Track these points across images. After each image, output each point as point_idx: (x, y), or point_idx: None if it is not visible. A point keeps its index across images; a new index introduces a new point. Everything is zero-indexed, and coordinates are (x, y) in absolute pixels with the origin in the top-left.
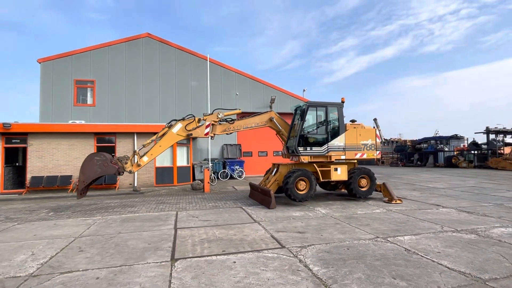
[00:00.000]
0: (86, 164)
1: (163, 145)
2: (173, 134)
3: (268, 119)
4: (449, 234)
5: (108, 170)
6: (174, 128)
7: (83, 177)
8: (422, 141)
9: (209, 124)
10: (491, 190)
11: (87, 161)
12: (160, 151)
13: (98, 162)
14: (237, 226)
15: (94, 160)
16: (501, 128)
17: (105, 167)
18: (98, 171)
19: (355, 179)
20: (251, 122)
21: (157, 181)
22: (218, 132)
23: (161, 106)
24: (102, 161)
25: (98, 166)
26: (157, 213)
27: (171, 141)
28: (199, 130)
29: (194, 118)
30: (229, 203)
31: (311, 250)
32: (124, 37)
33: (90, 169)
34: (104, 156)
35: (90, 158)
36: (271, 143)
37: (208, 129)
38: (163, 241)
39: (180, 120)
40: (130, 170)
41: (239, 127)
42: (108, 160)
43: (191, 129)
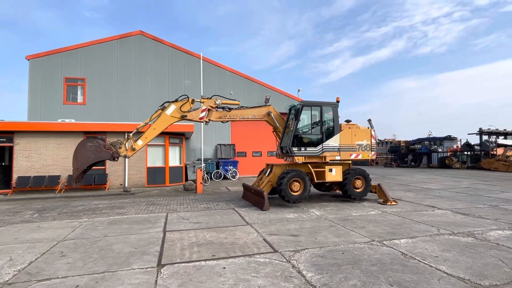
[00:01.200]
0: (79, 151)
1: (157, 128)
2: (167, 116)
3: (266, 113)
4: (446, 237)
5: (102, 155)
6: (168, 110)
7: (77, 164)
8: (416, 142)
9: (205, 108)
10: (485, 191)
11: (79, 147)
12: (155, 134)
13: (91, 148)
14: (229, 228)
15: (87, 146)
16: (493, 130)
17: (98, 152)
18: (91, 157)
19: (350, 180)
20: (248, 114)
21: (148, 181)
22: (213, 118)
23: (153, 105)
24: (96, 147)
25: (91, 152)
26: (146, 215)
27: (166, 123)
28: (195, 113)
29: (188, 99)
30: (221, 204)
31: (304, 254)
32: (116, 34)
33: (83, 155)
34: (97, 141)
35: (82, 144)
36: (265, 143)
37: (204, 114)
38: (150, 245)
39: (173, 102)
40: (125, 154)
41: (236, 116)
42: (101, 146)
43: (186, 110)
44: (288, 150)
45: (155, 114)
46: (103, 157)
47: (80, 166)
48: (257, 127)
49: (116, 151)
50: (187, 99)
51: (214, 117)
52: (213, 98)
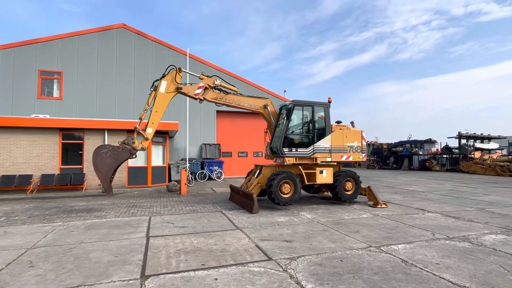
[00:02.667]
0: (97, 160)
1: (159, 109)
2: (163, 94)
3: (263, 105)
4: (442, 242)
5: (122, 156)
6: (161, 88)
7: (102, 174)
8: (397, 145)
9: (203, 86)
10: (469, 194)
11: (95, 158)
12: (160, 116)
13: (107, 153)
14: (218, 233)
15: (102, 154)
16: (472, 134)
17: (116, 155)
18: (112, 162)
19: (340, 182)
20: (244, 101)
21: (129, 181)
22: (209, 98)
23: (136, 101)
24: (111, 151)
25: (109, 157)
26: (127, 218)
27: (165, 101)
28: (190, 88)
29: (175, 68)
30: (208, 206)
31: (301, 262)
32: (97, 27)
33: (103, 163)
34: (109, 146)
35: (97, 154)
36: (252, 143)
37: (200, 91)
38: (132, 253)
39: (162, 78)
40: (142, 147)
41: (232, 101)
42: (115, 148)
43: (181, 83)
44: (279, 151)
45: (150, 97)
46: (123, 158)
47: (106, 175)
48: (243, 127)
49: (132, 147)
50: (174, 68)
51: (210, 97)
52: (213, 78)
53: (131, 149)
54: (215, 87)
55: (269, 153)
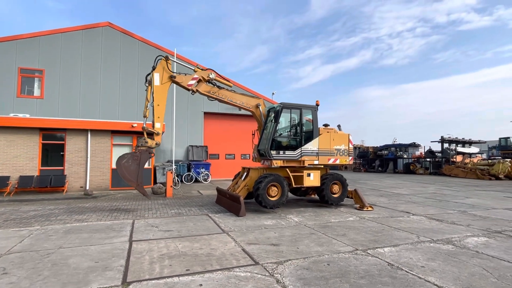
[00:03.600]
0: (123, 172)
1: (160, 102)
2: (159, 86)
3: (255, 104)
4: (427, 245)
5: (143, 158)
6: (155, 81)
7: (134, 182)
8: (383, 148)
9: (197, 77)
10: (451, 197)
11: (120, 169)
12: (163, 109)
13: (129, 162)
14: (204, 237)
15: (124, 164)
16: (454, 138)
17: (137, 160)
18: (136, 167)
19: (327, 185)
20: (237, 98)
21: (113, 184)
22: (201, 90)
23: (121, 101)
24: (131, 158)
25: (132, 164)
26: (110, 222)
27: (163, 93)
28: (184, 78)
29: (163, 58)
30: (194, 209)
31: (288, 266)
32: (81, 25)
33: (129, 171)
34: (127, 154)
35: (119, 165)
36: (239, 145)
37: (193, 82)
38: (114, 258)
39: (152, 71)
40: (156, 142)
41: (225, 97)
42: (133, 154)
43: (173, 71)
44: (266, 153)
45: (148, 93)
46: (144, 160)
47: (138, 181)
48: (231, 129)
49: (147, 147)
50: (161, 58)
51: (203, 89)
52: (208, 71)
53: (147, 149)
54: (209, 81)
55: (256, 155)
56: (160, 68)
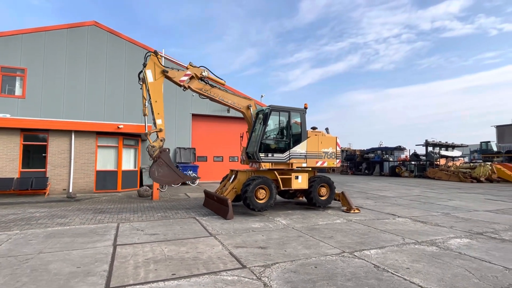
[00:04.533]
0: (164, 181)
1: (157, 98)
2: (153, 83)
3: (246, 105)
4: (412, 246)
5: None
6: (148, 78)
7: (179, 179)
8: (369, 151)
9: (190, 74)
10: (435, 199)
11: (161, 181)
12: (161, 105)
13: (160, 171)
14: (190, 241)
15: (159, 177)
16: (438, 142)
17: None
18: (169, 168)
19: (315, 187)
20: (229, 98)
21: (97, 186)
22: (193, 87)
23: (107, 102)
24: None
25: (163, 170)
26: (93, 226)
27: (159, 89)
28: (177, 73)
29: (151, 53)
30: (181, 212)
31: (276, 269)
32: (66, 23)
33: (168, 176)
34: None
35: (158, 180)
36: (228, 148)
37: (186, 78)
38: (97, 263)
39: (144, 68)
40: (161, 139)
41: (216, 95)
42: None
43: (164, 66)
44: (255, 156)
45: (143, 91)
46: (167, 158)
47: (180, 174)
48: (219, 131)
49: (157, 148)
50: (151, 53)
51: (195, 86)
52: (201, 68)
53: (160, 149)
54: (202, 78)
55: (244, 158)
56: (151, 64)
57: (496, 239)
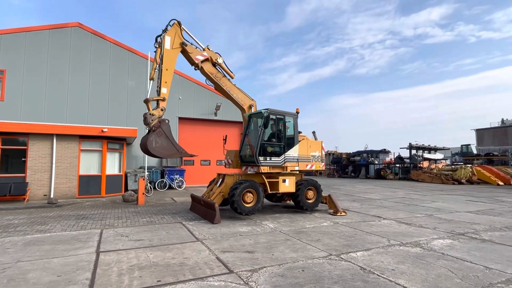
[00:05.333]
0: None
1: (169, 67)
2: (169, 50)
3: (248, 104)
4: (397, 248)
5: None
6: (166, 44)
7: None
8: (355, 154)
9: (206, 56)
10: (419, 201)
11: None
12: (171, 74)
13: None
14: (176, 246)
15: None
16: (421, 145)
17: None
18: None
19: (302, 191)
20: (234, 91)
21: (80, 191)
22: (206, 69)
23: (90, 105)
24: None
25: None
26: (75, 232)
27: (173, 58)
28: (194, 50)
29: (176, 21)
30: (167, 217)
31: (263, 274)
32: (48, 24)
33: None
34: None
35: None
36: (215, 151)
37: (202, 58)
38: (79, 271)
39: (164, 33)
40: (162, 108)
41: (224, 85)
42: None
43: (184, 38)
44: (255, 159)
45: (156, 54)
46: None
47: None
48: (207, 135)
49: (157, 117)
50: (175, 21)
51: (207, 69)
52: (217, 54)
53: (159, 120)
54: (215, 64)
55: (230, 161)
56: (172, 31)
57: (477, 239)
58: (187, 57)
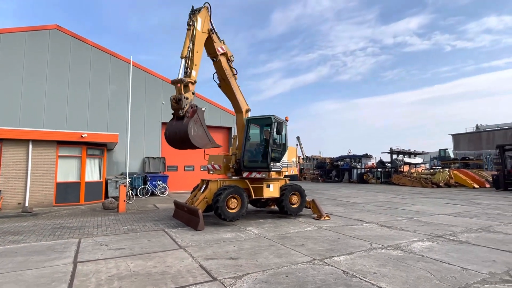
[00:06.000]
0: (198, 142)
1: (199, 49)
2: (200, 33)
3: (246, 108)
4: (379, 251)
5: (202, 117)
6: (198, 25)
7: (210, 144)
8: (339, 159)
9: (224, 50)
10: (400, 205)
11: (195, 141)
12: (200, 57)
13: (195, 130)
14: (158, 254)
15: (195, 136)
16: (401, 149)
17: (198, 121)
18: (203, 130)
19: (286, 196)
20: (238, 93)
21: (57, 199)
22: (223, 62)
23: (69, 110)
24: (194, 125)
25: (198, 129)
26: (51, 242)
27: (202, 41)
28: (217, 41)
29: (208, 5)
30: (148, 225)
31: (247, 281)
32: (25, 26)
33: (202, 138)
34: (187, 124)
35: (193, 140)
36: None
37: (221, 51)
38: (54, 283)
39: (196, 13)
40: (193, 91)
41: (233, 84)
42: (190, 119)
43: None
44: (268, 165)
45: (187, 36)
46: (203, 117)
47: (211, 139)
48: None
49: (190, 98)
50: (207, 3)
51: (224, 63)
52: (230, 51)
53: (192, 106)
54: (229, 60)
55: (218, 167)
56: (203, 14)
57: (454, 241)
58: (209, 45)
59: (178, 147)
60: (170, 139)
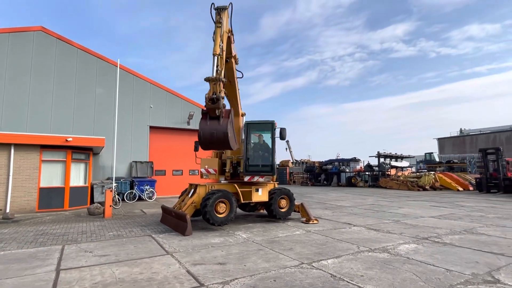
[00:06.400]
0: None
1: (226, 48)
2: (225, 32)
3: (242, 113)
4: (366, 254)
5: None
6: (224, 25)
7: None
8: (327, 163)
9: (235, 52)
10: (387, 208)
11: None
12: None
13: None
14: (145, 260)
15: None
16: (388, 153)
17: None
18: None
19: (275, 200)
20: (238, 97)
21: (40, 205)
22: (233, 64)
23: (54, 113)
24: (232, 127)
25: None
26: (33, 249)
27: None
28: (233, 41)
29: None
30: (135, 230)
31: (234, 286)
32: (8, 27)
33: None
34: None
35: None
36: (188, 161)
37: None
38: None
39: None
40: (225, 92)
41: (237, 87)
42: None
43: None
44: (272, 169)
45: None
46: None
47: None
48: (179, 144)
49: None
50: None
51: (234, 64)
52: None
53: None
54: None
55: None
56: (226, 14)
57: (439, 243)
58: (228, 46)
59: (214, 148)
60: (206, 140)
